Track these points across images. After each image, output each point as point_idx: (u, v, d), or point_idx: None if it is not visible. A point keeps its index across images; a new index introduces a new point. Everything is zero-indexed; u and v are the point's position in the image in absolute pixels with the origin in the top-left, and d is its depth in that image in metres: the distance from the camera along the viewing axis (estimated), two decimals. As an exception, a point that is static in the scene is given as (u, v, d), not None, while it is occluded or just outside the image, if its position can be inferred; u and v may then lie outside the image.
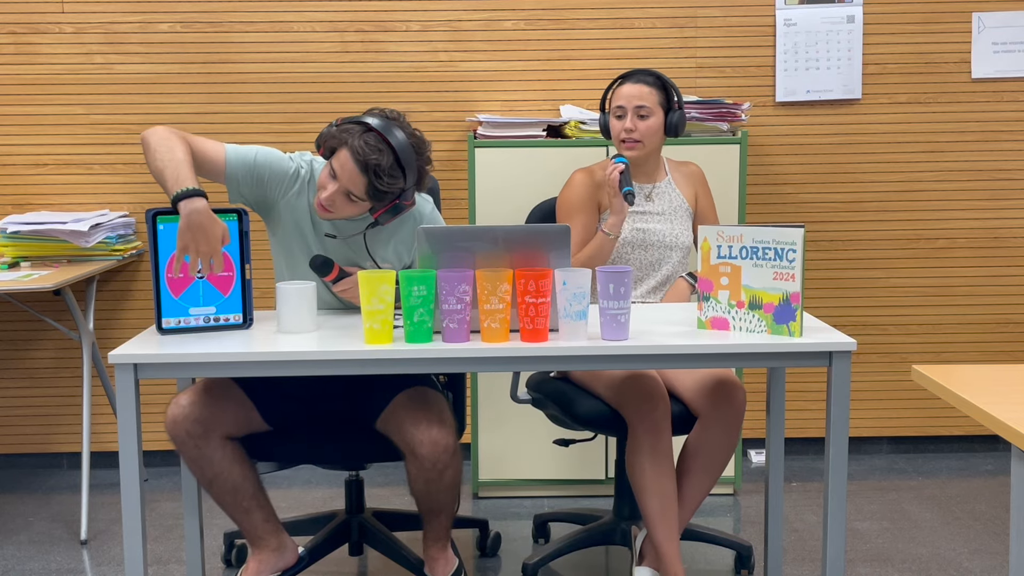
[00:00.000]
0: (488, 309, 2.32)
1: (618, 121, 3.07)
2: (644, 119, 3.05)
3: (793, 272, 2.37)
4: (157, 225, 2.44)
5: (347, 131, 2.60)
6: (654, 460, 2.76)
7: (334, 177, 2.60)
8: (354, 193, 2.59)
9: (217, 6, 3.91)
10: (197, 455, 2.64)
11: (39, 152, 3.97)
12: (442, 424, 2.61)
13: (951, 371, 2.17)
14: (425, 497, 2.69)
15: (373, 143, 2.56)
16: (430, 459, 2.59)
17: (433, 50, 3.95)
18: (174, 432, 2.63)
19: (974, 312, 4.12)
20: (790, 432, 3.21)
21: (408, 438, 2.61)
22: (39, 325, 4.00)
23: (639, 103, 3.04)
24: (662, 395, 2.78)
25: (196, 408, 2.63)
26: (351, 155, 2.56)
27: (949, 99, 4.03)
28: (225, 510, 2.73)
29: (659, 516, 2.76)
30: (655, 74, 3.11)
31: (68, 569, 3.27)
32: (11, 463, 4.12)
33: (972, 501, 3.72)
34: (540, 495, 3.81)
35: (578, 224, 3.05)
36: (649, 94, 3.06)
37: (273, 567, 2.77)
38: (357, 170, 2.56)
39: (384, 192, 2.59)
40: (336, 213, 2.65)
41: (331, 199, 2.61)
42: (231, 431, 2.68)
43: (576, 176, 3.12)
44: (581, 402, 2.91)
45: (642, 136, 3.05)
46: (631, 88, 3.07)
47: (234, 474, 2.67)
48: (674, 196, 3.14)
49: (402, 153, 2.58)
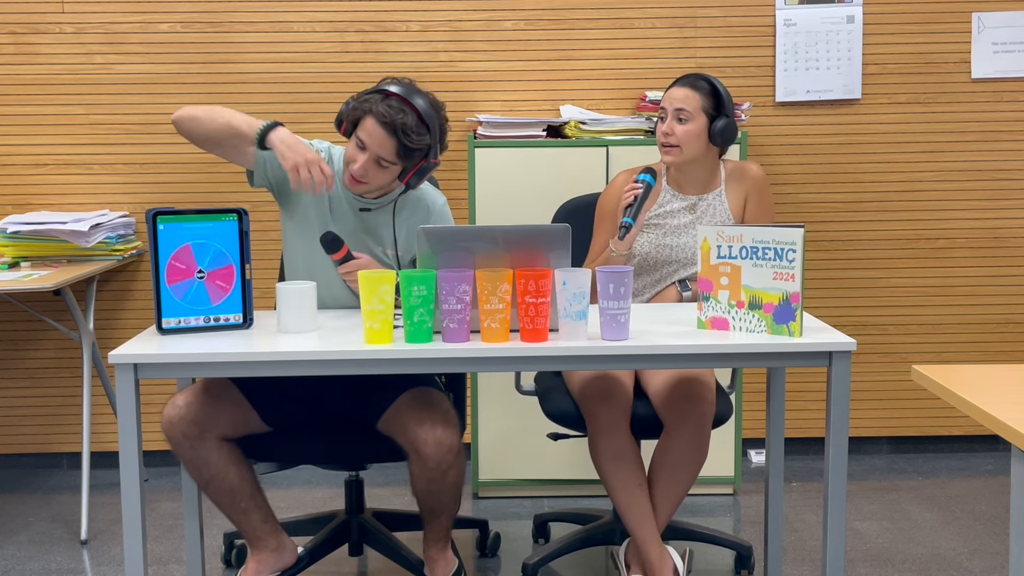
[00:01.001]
0: (488, 309, 2.32)
1: (660, 123, 2.98)
2: (683, 123, 2.93)
3: (793, 272, 2.37)
4: (157, 225, 2.44)
5: (367, 100, 2.69)
6: (611, 459, 2.76)
7: (362, 148, 2.68)
8: (385, 158, 2.67)
9: (217, 6, 3.91)
10: (193, 456, 2.64)
11: (39, 152, 3.97)
12: (446, 424, 2.61)
13: (951, 371, 2.17)
14: (427, 497, 2.69)
15: (396, 105, 2.66)
16: (434, 459, 2.59)
17: (433, 50, 3.95)
18: (170, 433, 2.63)
19: (974, 312, 4.12)
20: (790, 432, 3.21)
21: (412, 438, 2.61)
22: (39, 325, 4.01)
23: (679, 106, 2.94)
24: (620, 397, 2.78)
25: (192, 409, 2.63)
26: (377, 120, 2.65)
27: (949, 99, 4.03)
28: (223, 511, 2.73)
29: (628, 508, 2.77)
30: (707, 79, 2.99)
31: (68, 569, 3.27)
32: (11, 463, 4.12)
33: (972, 501, 3.72)
34: (540, 495, 3.81)
35: (602, 231, 3.02)
36: (692, 98, 2.94)
37: (272, 567, 2.77)
38: (385, 133, 2.64)
39: (414, 150, 2.67)
40: (369, 183, 2.72)
41: (363, 169, 2.68)
42: (227, 432, 2.68)
43: (617, 179, 3.06)
44: (555, 399, 2.94)
45: (679, 141, 2.93)
46: (676, 90, 2.98)
47: (231, 475, 2.66)
48: (720, 210, 3.01)
49: (424, 111, 2.68)
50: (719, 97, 2.96)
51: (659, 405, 2.82)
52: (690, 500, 2.91)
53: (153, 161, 3.96)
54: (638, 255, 3.01)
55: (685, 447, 2.78)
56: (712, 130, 2.94)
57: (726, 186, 3.02)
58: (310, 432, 2.83)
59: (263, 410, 2.75)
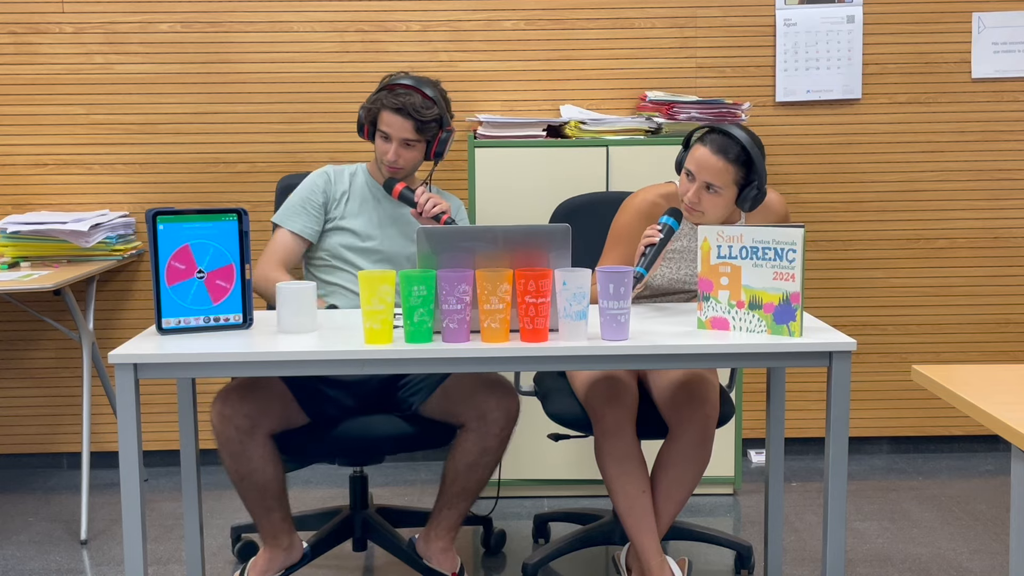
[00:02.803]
0: (488, 309, 2.32)
1: (687, 181, 2.78)
2: (711, 193, 2.75)
3: (793, 272, 2.37)
4: (157, 225, 2.44)
5: (376, 100, 3.06)
6: (616, 461, 2.76)
7: (387, 139, 3.04)
8: (408, 138, 3.03)
9: (217, 6, 3.91)
10: (240, 451, 2.67)
11: (39, 152, 3.97)
12: (512, 394, 2.81)
13: (951, 371, 2.17)
14: (467, 473, 2.78)
15: (401, 92, 3.03)
16: (499, 423, 2.75)
17: (433, 50, 3.95)
18: (222, 427, 2.66)
19: (974, 312, 4.12)
20: (790, 432, 3.20)
21: (481, 402, 2.74)
22: (39, 325, 4.00)
23: (710, 179, 2.73)
24: (626, 399, 2.78)
25: (246, 404, 2.67)
26: (391, 110, 3.01)
27: (949, 99, 4.03)
28: (247, 505, 2.77)
29: (629, 513, 2.77)
30: (742, 144, 2.72)
31: (68, 569, 3.27)
32: (11, 463, 4.12)
33: (972, 501, 3.72)
34: (540, 495, 3.81)
35: (614, 255, 2.91)
36: (724, 171, 2.72)
37: (281, 565, 2.81)
38: (401, 118, 3.01)
39: (428, 122, 3.03)
40: (404, 165, 3.06)
41: (395, 154, 3.03)
42: (276, 427, 2.73)
43: (635, 201, 2.93)
44: (558, 400, 2.94)
45: (705, 209, 2.77)
46: (708, 157, 2.73)
47: (268, 472, 2.70)
48: None
49: (423, 86, 3.05)
50: (752, 165, 2.74)
51: (663, 406, 2.82)
52: (690, 500, 2.91)
53: (153, 161, 3.96)
54: (651, 287, 2.93)
55: (690, 448, 2.79)
56: (741, 198, 2.78)
57: (747, 220, 2.91)
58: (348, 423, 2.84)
59: (303, 400, 2.80)
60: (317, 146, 3.95)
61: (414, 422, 2.87)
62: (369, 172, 3.18)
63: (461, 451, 2.77)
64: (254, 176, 3.97)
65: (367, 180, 3.16)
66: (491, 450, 2.78)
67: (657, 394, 2.84)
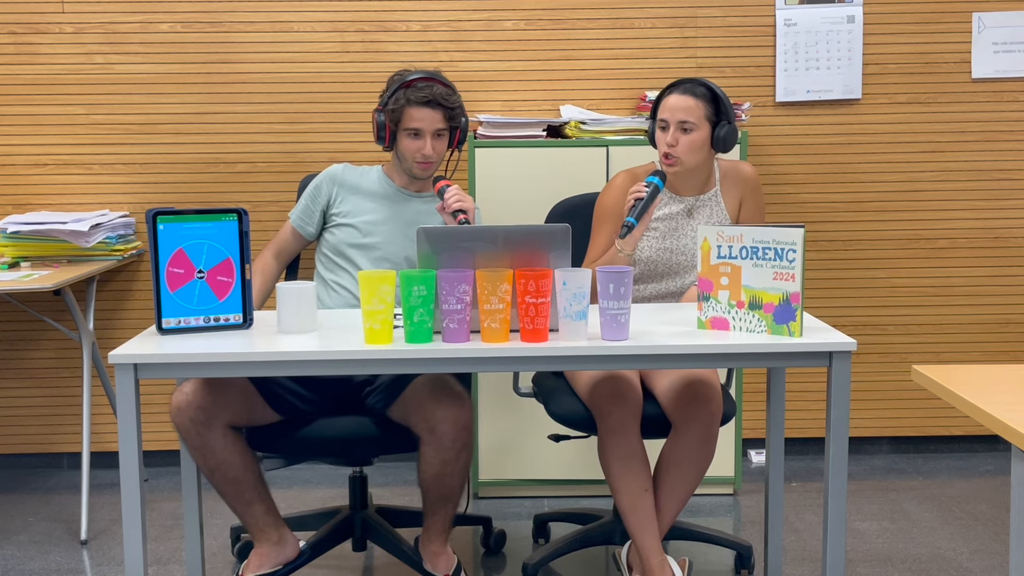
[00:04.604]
0: (488, 309, 2.32)
1: (662, 133, 2.94)
2: (687, 133, 2.90)
3: (793, 272, 2.37)
4: (157, 225, 2.44)
5: (396, 99, 3.03)
6: (620, 460, 2.76)
7: (417, 134, 3.03)
8: (440, 128, 3.04)
9: (217, 6, 3.91)
10: (200, 443, 2.68)
11: (39, 152, 3.97)
12: (462, 403, 2.71)
13: (951, 371, 2.16)
14: (437, 483, 2.75)
15: (423, 86, 3.02)
16: (450, 436, 2.68)
17: (433, 50, 3.95)
18: (178, 419, 2.67)
19: (974, 312, 4.12)
20: (790, 432, 3.21)
21: (428, 415, 2.68)
22: (39, 325, 4.00)
23: (683, 117, 2.90)
24: (631, 398, 2.78)
25: (200, 395, 2.67)
26: (419, 104, 3.00)
27: (949, 99, 4.03)
28: (226, 500, 2.77)
29: (630, 511, 2.77)
30: (705, 84, 2.95)
31: (68, 569, 3.27)
32: (11, 463, 4.12)
33: (972, 501, 3.72)
34: (540, 495, 3.81)
35: (603, 233, 3.00)
36: (695, 108, 2.90)
37: (274, 561, 2.79)
38: (430, 110, 3.01)
39: (455, 108, 3.06)
40: (437, 158, 3.08)
41: (431, 148, 3.04)
42: (234, 419, 2.72)
43: (616, 179, 3.04)
44: (561, 400, 2.93)
45: (683, 152, 2.91)
46: (677, 99, 2.92)
47: (236, 464, 2.70)
48: (717, 210, 3.01)
49: (439, 77, 3.07)
50: (719, 102, 2.93)
51: (667, 405, 2.82)
52: (691, 500, 2.92)
53: (153, 161, 3.96)
54: (640, 261, 3.00)
55: (693, 446, 2.79)
56: (715, 137, 2.93)
57: (721, 187, 3.03)
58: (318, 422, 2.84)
59: (270, 397, 2.79)
60: (317, 146, 3.95)
61: (383, 425, 2.83)
62: (385, 173, 3.18)
63: (424, 463, 2.75)
64: (254, 176, 3.97)
65: (380, 179, 3.16)
66: (451, 461, 2.72)
67: (660, 393, 2.85)
